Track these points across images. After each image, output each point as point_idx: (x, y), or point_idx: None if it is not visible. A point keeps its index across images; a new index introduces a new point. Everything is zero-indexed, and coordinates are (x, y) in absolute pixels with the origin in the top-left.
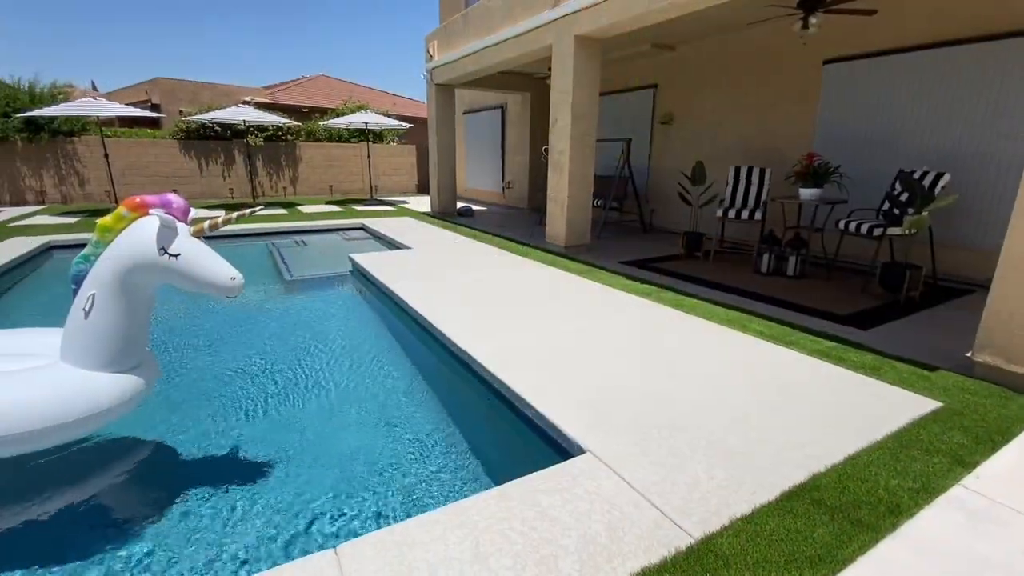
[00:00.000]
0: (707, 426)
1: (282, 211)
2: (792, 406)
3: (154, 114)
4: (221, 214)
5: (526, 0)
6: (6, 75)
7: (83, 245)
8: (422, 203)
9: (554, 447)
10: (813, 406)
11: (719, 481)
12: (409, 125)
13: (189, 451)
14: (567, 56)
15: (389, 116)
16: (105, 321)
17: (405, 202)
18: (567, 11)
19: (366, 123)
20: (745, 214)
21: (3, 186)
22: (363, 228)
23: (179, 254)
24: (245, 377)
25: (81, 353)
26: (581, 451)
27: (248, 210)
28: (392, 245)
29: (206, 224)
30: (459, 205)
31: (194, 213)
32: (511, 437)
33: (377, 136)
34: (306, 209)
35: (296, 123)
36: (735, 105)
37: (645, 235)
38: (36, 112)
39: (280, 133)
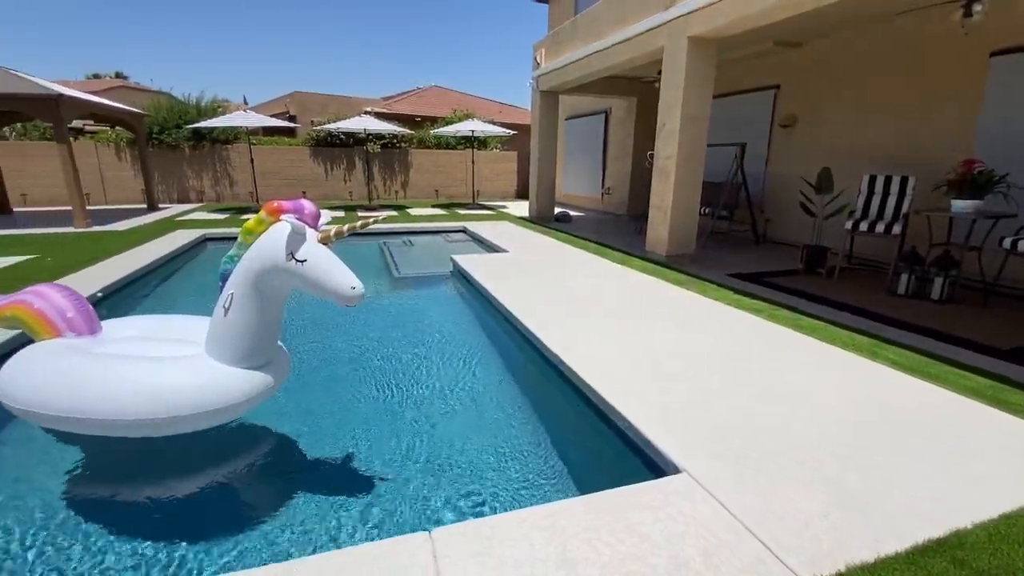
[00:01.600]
0: (822, 460)
1: (393, 213)
2: (931, 448)
3: (290, 124)
4: (354, 215)
5: (638, 3)
6: (179, 93)
7: (231, 238)
8: (520, 208)
9: (646, 462)
10: (959, 451)
11: (834, 521)
12: (513, 132)
13: (297, 430)
14: (679, 58)
15: (494, 123)
16: (240, 320)
17: (504, 207)
18: (681, 12)
19: (472, 131)
20: (880, 227)
21: (172, 186)
22: (464, 231)
23: (305, 260)
24: (353, 364)
25: (219, 348)
26: (676, 470)
27: (371, 219)
28: (491, 248)
29: (333, 231)
30: (556, 210)
31: (324, 219)
32: (599, 446)
33: (482, 143)
34: (414, 211)
35: (409, 131)
36: (871, 106)
37: (757, 247)
38: (201, 124)
39: (395, 140)
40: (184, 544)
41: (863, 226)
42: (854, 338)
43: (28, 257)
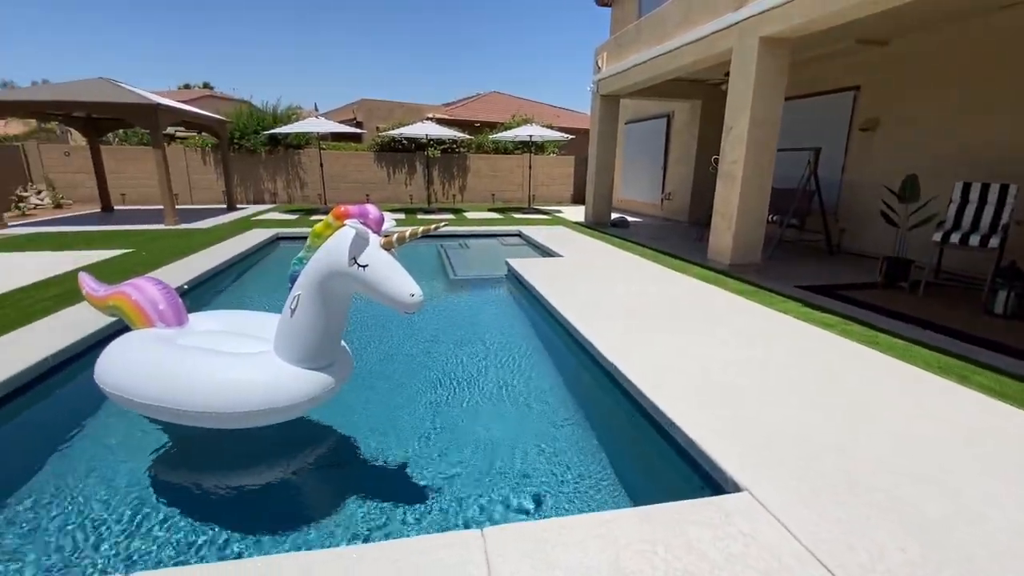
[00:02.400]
0: (899, 489)
1: (451, 216)
2: None
3: (357, 130)
4: (414, 219)
5: (705, 4)
6: (258, 101)
7: (301, 237)
8: (576, 213)
9: (703, 477)
10: None
11: (911, 556)
12: (570, 137)
13: (351, 423)
14: (749, 59)
15: (552, 128)
16: (305, 321)
17: (560, 211)
18: (753, 12)
19: (530, 136)
20: (974, 240)
21: (249, 187)
22: (519, 235)
23: (367, 265)
24: (407, 361)
25: (285, 347)
26: (737, 488)
27: (432, 226)
28: (545, 252)
29: (395, 237)
30: (613, 216)
31: (387, 223)
32: (652, 457)
33: (539, 148)
34: (471, 215)
35: (468, 137)
36: (967, 107)
37: (831, 258)
38: (276, 130)
39: (454, 146)
40: (253, 527)
41: (954, 238)
42: (940, 359)
43: (126, 251)
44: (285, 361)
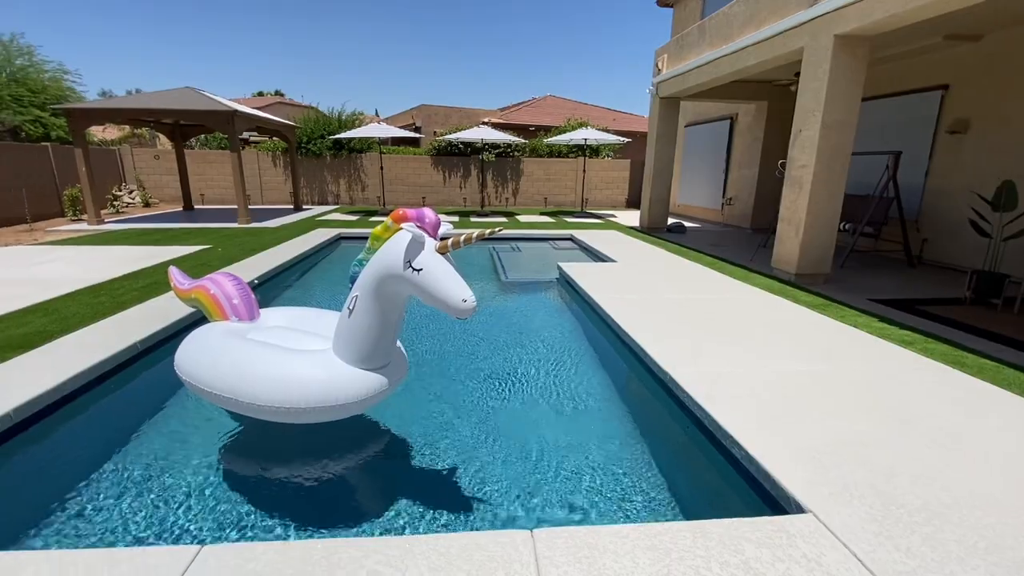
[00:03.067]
0: (988, 523)
1: (503, 219)
2: None
3: (415, 135)
4: (468, 221)
5: (775, 2)
6: (325, 107)
7: (362, 237)
8: (630, 218)
9: (763, 496)
10: None
11: None
12: (627, 140)
13: (401, 418)
14: (822, 59)
15: (608, 131)
16: (362, 322)
17: (613, 216)
18: (827, 9)
19: (585, 139)
20: None
21: (314, 190)
22: (571, 239)
23: (421, 269)
24: (458, 360)
25: (342, 347)
26: (800, 510)
27: (488, 231)
28: (598, 257)
29: (450, 241)
30: (669, 221)
31: (444, 227)
32: (707, 471)
33: (593, 151)
34: (523, 218)
35: (523, 140)
36: None
37: (910, 270)
38: (340, 135)
39: (509, 150)
40: (314, 513)
41: None
42: None
43: (205, 247)
44: (342, 360)
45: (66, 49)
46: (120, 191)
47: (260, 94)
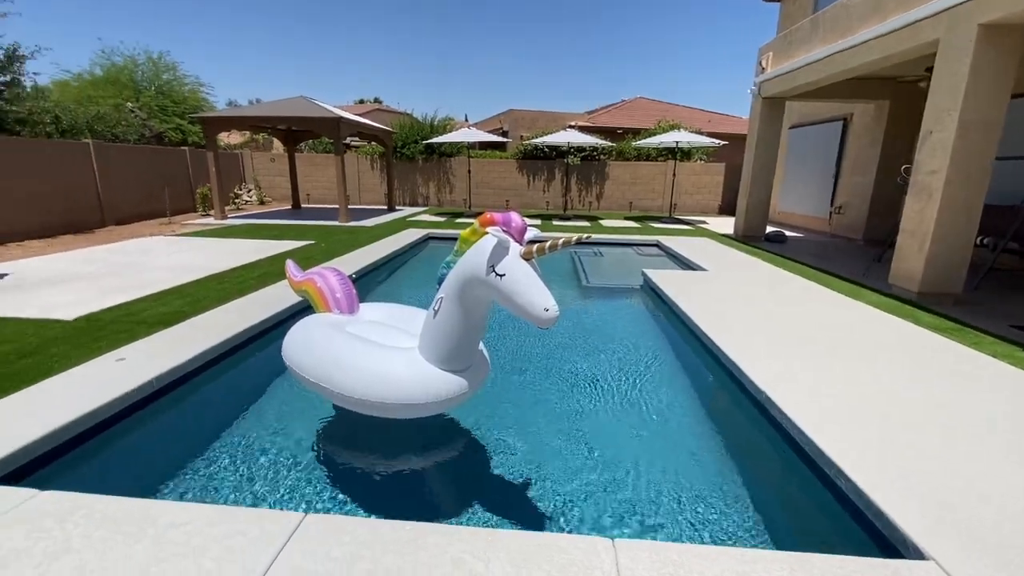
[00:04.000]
0: None
1: (586, 224)
2: None
3: (502, 139)
4: (550, 225)
5: None
6: (419, 113)
7: (450, 238)
8: (723, 225)
9: (874, 536)
10: None
11: None
12: (722, 143)
13: (479, 420)
14: (963, 51)
15: (702, 134)
16: (445, 324)
17: (704, 222)
18: None
19: (676, 142)
20: None
21: (407, 191)
22: (657, 245)
23: (504, 274)
24: (536, 363)
25: (426, 347)
26: (919, 555)
27: (575, 238)
28: (686, 265)
29: (535, 248)
30: (768, 229)
31: (531, 232)
32: (806, 503)
33: (685, 154)
34: (606, 223)
35: (610, 144)
36: None
37: None
38: (432, 140)
39: (594, 153)
40: (402, 500)
41: None
42: None
43: (310, 242)
44: (426, 360)
45: (197, 62)
46: (240, 190)
47: (360, 101)
